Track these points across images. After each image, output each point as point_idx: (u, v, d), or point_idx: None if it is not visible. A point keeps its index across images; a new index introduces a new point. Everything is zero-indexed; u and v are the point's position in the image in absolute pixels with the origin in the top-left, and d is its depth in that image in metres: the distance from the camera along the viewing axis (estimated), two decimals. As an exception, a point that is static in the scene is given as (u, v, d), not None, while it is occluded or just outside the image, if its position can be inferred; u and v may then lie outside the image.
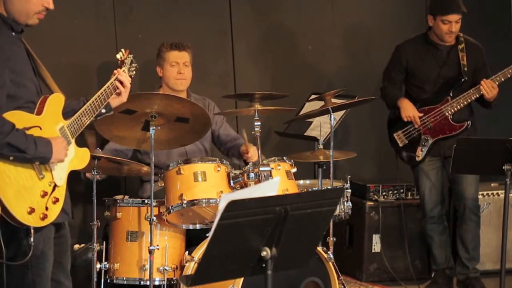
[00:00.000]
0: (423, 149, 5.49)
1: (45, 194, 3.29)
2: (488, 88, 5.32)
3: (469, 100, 5.40)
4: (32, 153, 3.22)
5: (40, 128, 3.32)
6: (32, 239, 3.24)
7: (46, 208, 3.29)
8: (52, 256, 3.44)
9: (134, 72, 3.89)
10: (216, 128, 5.29)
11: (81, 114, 3.50)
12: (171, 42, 5.15)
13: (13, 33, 3.39)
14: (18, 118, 3.26)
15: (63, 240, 3.57)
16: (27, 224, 3.22)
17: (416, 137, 5.51)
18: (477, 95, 5.37)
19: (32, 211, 3.23)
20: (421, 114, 5.46)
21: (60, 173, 3.38)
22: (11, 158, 3.20)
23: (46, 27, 3.47)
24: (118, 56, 3.85)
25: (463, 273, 5.58)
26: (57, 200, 3.34)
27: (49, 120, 3.38)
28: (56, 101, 3.44)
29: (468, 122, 5.43)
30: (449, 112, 5.42)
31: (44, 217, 3.28)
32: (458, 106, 5.42)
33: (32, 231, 3.24)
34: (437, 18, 5.38)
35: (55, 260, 3.49)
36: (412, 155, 5.52)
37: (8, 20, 3.37)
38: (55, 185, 3.35)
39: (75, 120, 3.48)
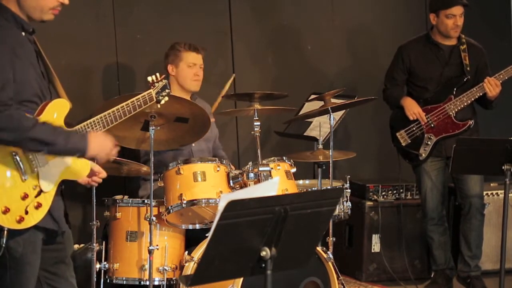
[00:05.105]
0: (426, 148, 5.49)
1: (25, 196, 3.17)
2: (492, 85, 5.33)
3: (472, 99, 5.41)
4: (62, 146, 3.16)
5: None
6: (4, 241, 3.12)
7: (26, 212, 3.16)
8: (36, 260, 3.29)
9: (166, 98, 3.71)
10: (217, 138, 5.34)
11: (88, 124, 3.39)
12: (188, 43, 5.11)
13: (23, 33, 3.30)
14: None
15: (61, 247, 3.43)
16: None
17: (419, 136, 5.51)
18: (481, 93, 5.37)
19: (6, 210, 3.11)
20: (424, 113, 5.47)
21: (48, 179, 3.25)
22: (42, 152, 3.15)
23: (45, 27, 3.44)
24: (149, 78, 3.72)
25: (465, 271, 5.58)
26: (40, 205, 3.21)
27: None
28: (59, 106, 3.33)
29: (472, 121, 5.44)
30: (453, 110, 5.42)
31: (21, 220, 3.15)
32: (462, 105, 5.42)
33: (5, 232, 3.12)
34: (441, 14, 5.38)
35: (49, 268, 3.39)
36: (415, 154, 5.52)
37: (20, 19, 3.28)
38: (41, 190, 3.22)
39: (80, 130, 3.36)
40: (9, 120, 3.10)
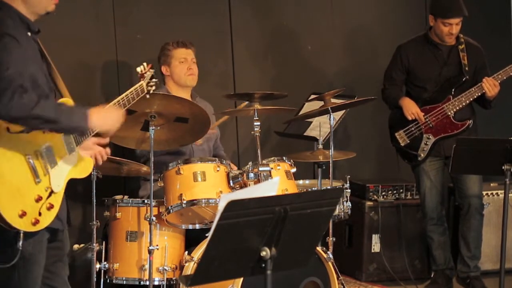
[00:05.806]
0: (425, 148, 5.49)
1: (39, 198, 3.20)
2: (490, 85, 5.33)
3: (471, 99, 5.41)
4: (65, 125, 3.20)
5: (43, 132, 3.24)
6: (20, 243, 3.14)
7: (40, 214, 3.19)
8: (42, 260, 3.33)
9: (153, 88, 3.82)
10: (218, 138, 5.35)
11: None
12: (176, 40, 5.16)
13: (29, 33, 3.30)
14: None
15: (60, 245, 3.46)
16: (16, 228, 3.13)
17: (418, 136, 5.51)
18: (479, 93, 5.38)
19: (23, 214, 3.14)
20: (423, 113, 5.47)
21: (58, 180, 3.29)
22: (44, 131, 3.19)
23: (45, 27, 3.44)
24: (138, 69, 3.80)
25: (464, 271, 5.58)
26: (51, 206, 3.24)
27: None
28: None
29: (470, 121, 5.44)
30: (451, 111, 5.42)
31: (36, 222, 3.18)
32: (460, 105, 5.42)
33: (21, 235, 3.15)
34: (438, 20, 5.39)
35: (49, 267, 3.41)
36: (414, 154, 5.52)
37: (26, 19, 3.29)
38: (52, 191, 3.25)
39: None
40: (11, 100, 3.07)
